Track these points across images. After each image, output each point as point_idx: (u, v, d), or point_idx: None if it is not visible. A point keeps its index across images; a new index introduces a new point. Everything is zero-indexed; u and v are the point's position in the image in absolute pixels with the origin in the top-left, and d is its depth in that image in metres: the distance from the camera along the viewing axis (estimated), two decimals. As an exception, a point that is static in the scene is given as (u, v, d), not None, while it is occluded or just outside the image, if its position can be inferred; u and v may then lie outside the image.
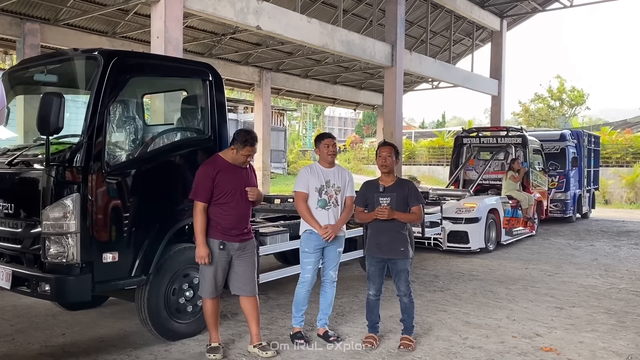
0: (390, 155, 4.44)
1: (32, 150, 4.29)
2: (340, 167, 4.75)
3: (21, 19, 11.69)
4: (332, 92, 21.71)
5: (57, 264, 3.83)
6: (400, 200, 4.37)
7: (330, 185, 4.53)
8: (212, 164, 4.13)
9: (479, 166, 12.33)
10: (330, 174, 4.57)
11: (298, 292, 4.55)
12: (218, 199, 4.06)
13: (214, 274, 4.10)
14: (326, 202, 4.50)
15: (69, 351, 4.33)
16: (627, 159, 23.98)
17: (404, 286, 4.43)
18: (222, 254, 4.10)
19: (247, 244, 4.24)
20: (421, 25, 17.89)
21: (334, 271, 4.61)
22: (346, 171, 4.74)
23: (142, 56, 5.14)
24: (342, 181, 4.60)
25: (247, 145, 4.09)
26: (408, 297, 4.45)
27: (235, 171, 4.15)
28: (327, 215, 4.49)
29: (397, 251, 4.38)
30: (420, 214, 4.52)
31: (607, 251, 9.83)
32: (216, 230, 4.09)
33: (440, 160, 30.31)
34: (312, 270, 4.53)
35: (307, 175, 4.55)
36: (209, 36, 15.04)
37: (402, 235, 4.41)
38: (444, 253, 9.17)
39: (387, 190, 4.41)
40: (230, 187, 4.08)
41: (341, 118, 75.37)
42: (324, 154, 4.58)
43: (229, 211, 4.08)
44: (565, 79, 41.02)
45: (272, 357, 4.18)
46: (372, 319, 4.55)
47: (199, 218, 4.04)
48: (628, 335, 4.88)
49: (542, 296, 6.29)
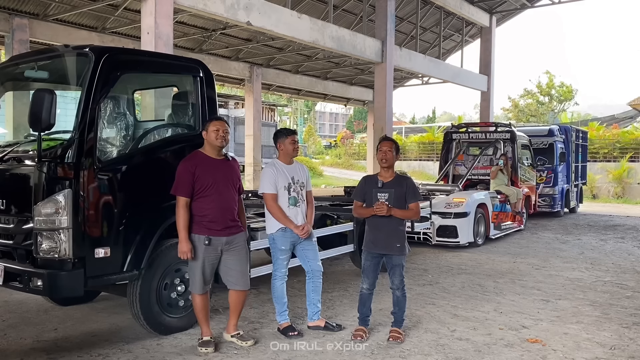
0: (391, 150, 4.43)
1: (23, 147, 4.31)
2: (297, 162, 4.77)
3: (10, 14, 11.61)
4: (322, 88, 21.75)
5: (49, 260, 3.86)
6: (398, 197, 4.37)
7: (295, 181, 4.56)
8: (191, 159, 4.17)
9: (468, 161, 12.45)
10: (292, 170, 4.60)
11: (276, 286, 4.60)
12: (199, 192, 4.10)
13: (201, 269, 4.14)
14: (296, 199, 4.54)
15: (61, 346, 4.36)
16: (614, 154, 24.25)
17: (398, 280, 4.47)
18: (209, 249, 4.13)
19: (236, 238, 4.27)
20: (411, 21, 17.96)
21: (319, 261, 4.71)
22: (304, 166, 4.79)
23: (133, 52, 5.17)
24: (304, 176, 4.64)
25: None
26: (401, 291, 4.50)
27: (215, 164, 4.18)
28: (299, 212, 4.55)
29: (393, 247, 4.41)
30: (417, 211, 4.52)
31: (594, 245, 9.98)
32: (201, 226, 4.12)
33: (430, 156, 30.46)
34: (287, 265, 4.62)
35: (274, 175, 4.52)
36: (200, 32, 15.01)
37: (400, 231, 4.44)
38: (433, 247, 9.26)
39: (386, 186, 4.41)
40: (210, 180, 4.11)
41: (332, 113, 75.40)
42: (290, 150, 4.55)
43: (210, 204, 4.11)
44: (554, 75, 41.43)
45: (252, 345, 4.30)
46: (364, 312, 4.60)
47: (181, 213, 4.08)
48: (612, 326, 4.99)
49: (529, 289, 6.40)
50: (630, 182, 22.23)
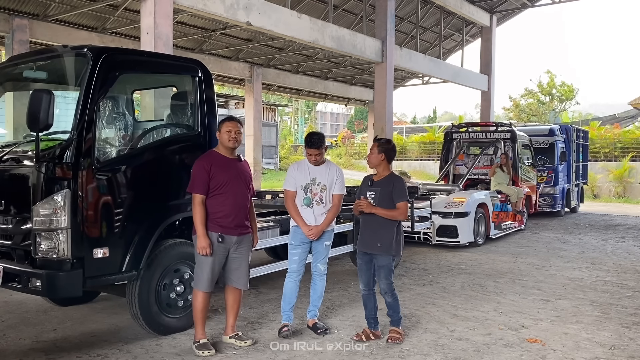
0: (374, 151, 4.47)
1: (22, 147, 4.31)
2: (331, 163, 4.74)
3: (10, 14, 11.61)
4: (323, 88, 21.74)
5: (47, 260, 3.85)
6: (383, 196, 4.38)
7: (316, 183, 4.56)
8: (207, 158, 4.20)
9: (469, 161, 12.44)
10: (317, 171, 4.59)
11: (285, 283, 4.63)
12: (214, 190, 4.11)
13: (212, 266, 4.14)
14: (310, 200, 4.55)
15: (60, 346, 4.36)
16: (615, 153, 24.19)
17: (384, 284, 4.41)
18: (220, 247, 4.15)
19: (245, 238, 4.29)
20: (411, 20, 17.94)
21: (322, 264, 4.67)
22: (335, 168, 4.70)
23: (132, 53, 5.17)
24: (329, 179, 4.59)
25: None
26: (390, 296, 4.43)
27: (229, 163, 4.21)
28: (312, 213, 4.55)
29: (374, 246, 4.39)
30: (403, 211, 4.41)
31: (594, 244, 9.96)
32: (215, 224, 4.13)
33: (431, 156, 30.41)
34: (298, 262, 4.60)
35: (293, 172, 4.62)
36: (199, 32, 15.00)
37: (385, 231, 4.37)
38: (433, 247, 9.25)
39: (375, 184, 4.46)
40: (225, 179, 4.13)
41: (333, 113, 75.40)
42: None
43: (225, 201, 4.13)
44: (555, 74, 41.37)
45: (251, 345, 4.29)
46: (366, 313, 4.57)
47: (197, 210, 4.08)
48: (612, 326, 4.98)
49: (529, 289, 6.39)
50: (631, 182, 22.19)
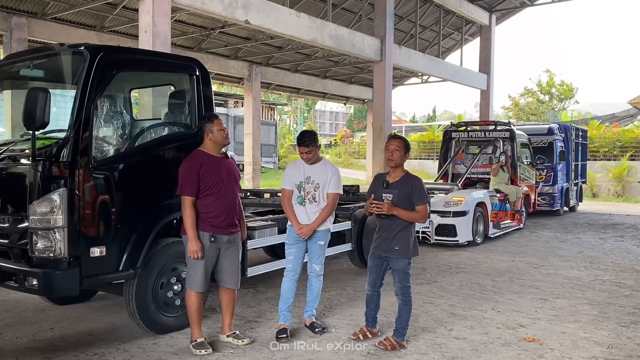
0: (398, 149, 4.22)
1: (18, 146, 4.30)
2: (327, 162, 4.72)
3: (8, 12, 11.60)
4: (322, 87, 21.74)
5: (44, 259, 3.84)
6: (402, 198, 4.17)
7: (310, 181, 4.55)
8: (194, 158, 4.15)
9: (468, 160, 12.43)
10: (312, 170, 4.58)
11: (283, 282, 4.62)
12: (205, 191, 4.10)
13: (204, 267, 4.13)
14: (303, 198, 4.55)
15: (57, 345, 4.35)
16: (614, 152, 24.18)
17: (398, 286, 4.30)
18: (212, 247, 4.14)
19: (235, 237, 4.30)
20: (410, 19, 17.94)
21: (317, 264, 4.63)
22: (331, 167, 4.65)
23: (129, 51, 5.15)
24: (323, 177, 4.55)
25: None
26: (402, 298, 4.31)
27: (218, 163, 4.19)
28: (304, 211, 4.54)
29: (391, 250, 4.23)
30: (424, 214, 4.23)
31: (593, 244, 9.96)
32: (206, 223, 4.12)
33: (430, 154, 30.41)
34: (293, 261, 4.59)
35: (289, 171, 4.65)
36: (198, 30, 15.01)
37: (402, 233, 4.21)
38: (431, 246, 9.25)
39: (391, 186, 4.22)
40: (216, 179, 4.12)
41: (332, 112, 75.34)
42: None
43: (216, 201, 4.12)
44: (555, 73, 41.38)
45: (248, 344, 4.29)
46: (366, 312, 4.53)
47: (188, 212, 4.06)
48: (610, 325, 4.98)
49: (527, 288, 6.39)
50: (630, 181, 22.18)
